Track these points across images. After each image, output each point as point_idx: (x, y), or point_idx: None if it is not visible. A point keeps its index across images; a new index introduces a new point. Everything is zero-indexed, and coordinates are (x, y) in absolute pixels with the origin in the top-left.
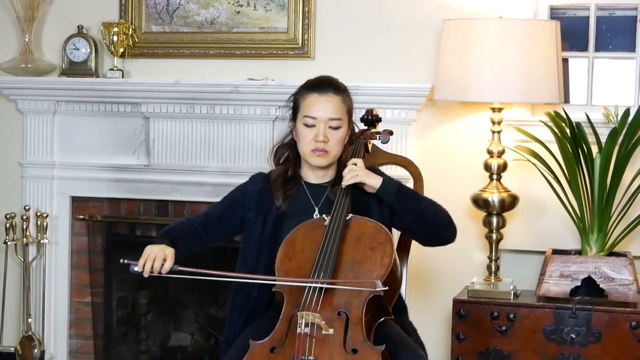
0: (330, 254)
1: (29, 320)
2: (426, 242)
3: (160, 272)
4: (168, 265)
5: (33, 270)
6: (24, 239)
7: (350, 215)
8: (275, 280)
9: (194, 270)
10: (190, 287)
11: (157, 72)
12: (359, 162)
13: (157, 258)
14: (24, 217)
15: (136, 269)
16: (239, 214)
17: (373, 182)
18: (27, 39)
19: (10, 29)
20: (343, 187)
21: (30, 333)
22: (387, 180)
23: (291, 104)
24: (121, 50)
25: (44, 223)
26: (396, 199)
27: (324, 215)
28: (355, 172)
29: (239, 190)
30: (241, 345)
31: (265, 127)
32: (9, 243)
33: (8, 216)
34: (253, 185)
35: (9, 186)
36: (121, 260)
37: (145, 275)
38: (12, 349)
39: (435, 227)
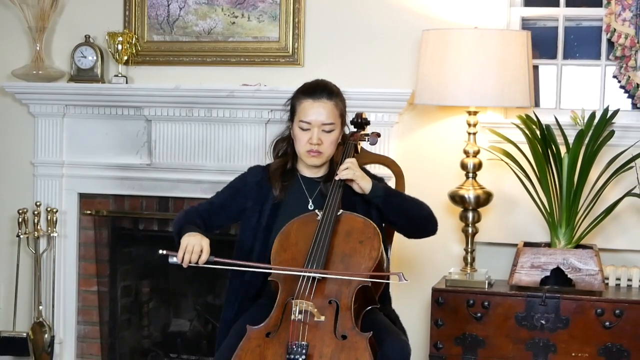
0: (323, 247)
1: (40, 307)
2: (411, 236)
3: (197, 263)
4: (205, 257)
5: (43, 261)
6: (35, 232)
7: (341, 210)
8: (302, 271)
9: (228, 261)
10: (189, 277)
11: (158, 78)
12: (355, 162)
13: (195, 251)
14: (35, 212)
15: (175, 259)
16: (240, 203)
17: (365, 184)
18: (38, 48)
19: (22, 39)
20: (336, 179)
21: (41, 319)
22: (376, 184)
23: (289, 106)
24: (125, 58)
25: (54, 218)
26: (384, 201)
27: (316, 210)
28: (353, 171)
29: (239, 180)
30: (238, 330)
31: (259, 129)
32: (21, 236)
33: (20, 211)
34: (252, 176)
35: (22, 184)
36: (160, 251)
37: (184, 266)
38: (25, 334)
39: (420, 223)
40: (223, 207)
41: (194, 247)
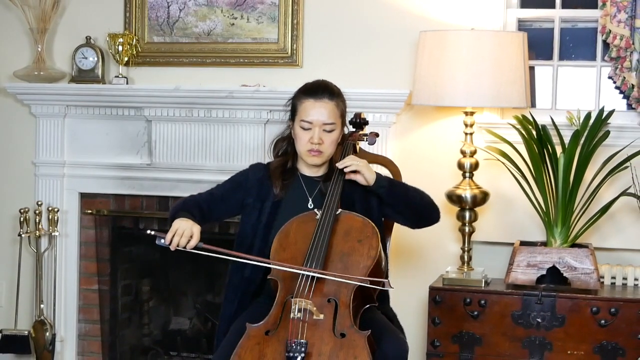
0: (322, 246)
1: (42, 306)
2: (416, 225)
3: (185, 248)
4: (193, 242)
5: (45, 260)
6: (37, 231)
7: (340, 210)
8: (299, 269)
9: (216, 249)
10: (188, 276)
11: (158, 79)
12: (354, 157)
13: (185, 235)
14: (37, 212)
15: (163, 241)
16: (240, 197)
17: (370, 175)
18: (39, 49)
19: (24, 40)
20: (340, 167)
21: (42, 318)
22: (379, 175)
23: (289, 106)
24: (126, 59)
25: (55, 217)
26: (388, 192)
27: (315, 210)
28: (357, 162)
29: (240, 175)
30: (237, 328)
31: (258, 129)
32: (23, 235)
33: (22, 211)
34: (254, 173)
35: (23, 183)
36: (148, 231)
37: (172, 248)
38: (26, 332)
39: (423, 212)
40: (223, 198)
41: (184, 232)
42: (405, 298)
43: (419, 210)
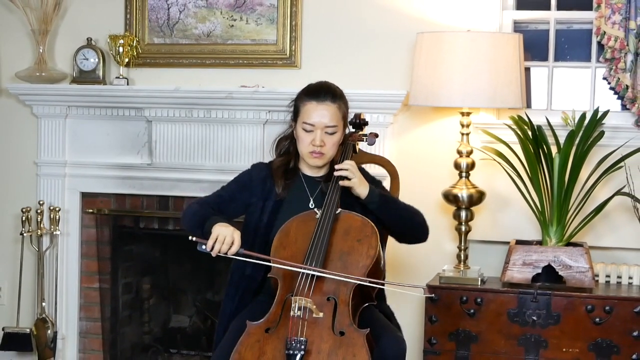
0: (322, 245)
1: (43, 304)
2: (403, 240)
3: (226, 254)
4: (235, 249)
5: (47, 259)
6: (39, 230)
7: (340, 209)
8: (338, 276)
9: (256, 254)
10: (188, 274)
11: (158, 80)
12: (354, 165)
13: (226, 242)
14: (39, 211)
15: (204, 247)
16: (246, 197)
17: (362, 190)
18: (41, 50)
19: (26, 41)
20: (336, 174)
21: (44, 316)
22: (372, 190)
23: (292, 107)
24: (126, 60)
25: (57, 216)
26: (379, 207)
27: (315, 209)
28: (352, 174)
29: (244, 175)
30: (237, 327)
31: (256, 130)
32: (25, 234)
33: (24, 210)
34: (257, 172)
35: (25, 183)
36: (190, 238)
37: (213, 255)
38: (28, 330)
39: (412, 230)
40: (232, 199)
41: (226, 238)
42: (403, 296)
43: (406, 229)
